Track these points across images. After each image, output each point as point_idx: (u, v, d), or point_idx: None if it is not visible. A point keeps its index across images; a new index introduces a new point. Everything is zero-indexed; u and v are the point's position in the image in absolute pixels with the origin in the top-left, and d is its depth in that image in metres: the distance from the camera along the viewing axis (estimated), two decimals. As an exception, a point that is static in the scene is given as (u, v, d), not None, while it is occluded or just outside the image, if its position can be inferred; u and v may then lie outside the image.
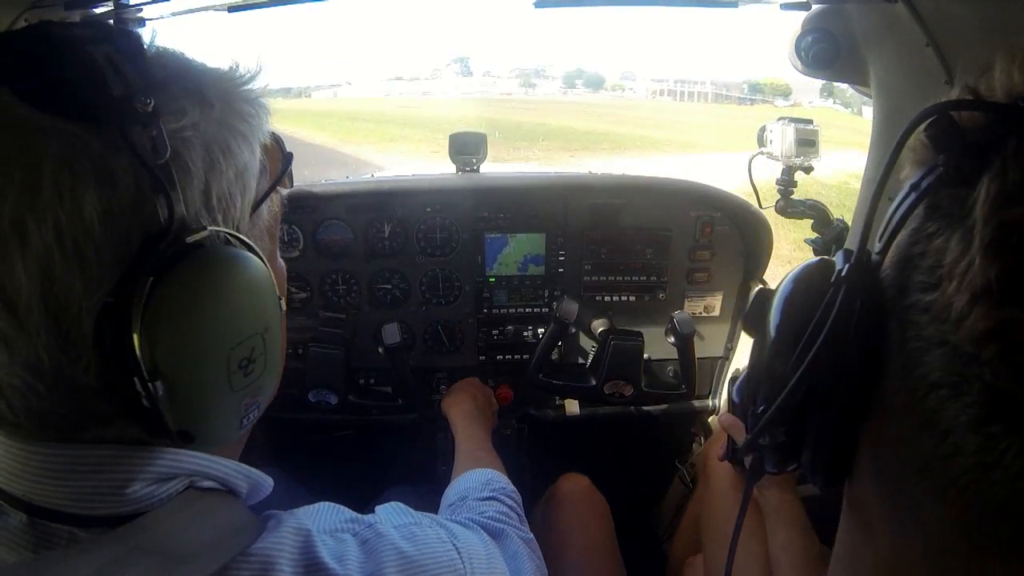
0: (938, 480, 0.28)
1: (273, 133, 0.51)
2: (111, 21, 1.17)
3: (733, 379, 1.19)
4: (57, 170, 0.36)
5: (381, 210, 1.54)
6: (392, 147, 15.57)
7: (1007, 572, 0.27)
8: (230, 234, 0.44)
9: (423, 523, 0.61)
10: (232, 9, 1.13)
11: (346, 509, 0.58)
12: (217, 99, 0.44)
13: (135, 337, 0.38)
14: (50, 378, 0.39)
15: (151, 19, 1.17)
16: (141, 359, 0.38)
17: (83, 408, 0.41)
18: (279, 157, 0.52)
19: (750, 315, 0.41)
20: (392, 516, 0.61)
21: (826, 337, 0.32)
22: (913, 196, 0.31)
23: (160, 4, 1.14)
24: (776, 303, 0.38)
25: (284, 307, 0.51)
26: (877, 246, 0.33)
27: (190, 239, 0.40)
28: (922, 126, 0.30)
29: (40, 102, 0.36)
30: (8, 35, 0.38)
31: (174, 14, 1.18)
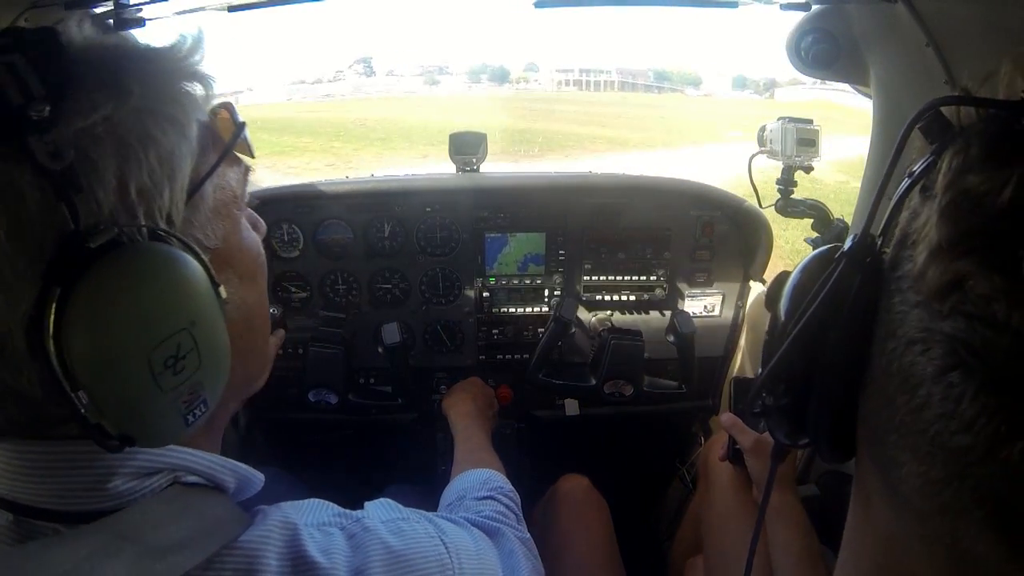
0: (911, 436, 0.30)
1: (225, 103, 0.49)
2: (110, 21, 1.17)
3: (736, 380, 1.18)
4: None
5: (381, 210, 1.54)
6: (280, 161, 12.18)
7: (973, 529, 0.27)
8: (151, 228, 0.42)
9: (411, 519, 0.61)
10: (232, 9, 1.13)
11: (334, 505, 0.58)
12: (137, 85, 0.42)
13: (51, 349, 0.38)
14: (4, 393, 0.40)
15: (151, 19, 1.17)
16: (59, 370, 0.38)
17: (39, 414, 0.42)
18: (231, 128, 0.50)
19: (769, 295, 0.44)
20: (380, 511, 0.61)
21: (820, 304, 0.36)
22: (907, 182, 0.34)
23: (160, 4, 1.14)
24: (788, 282, 0.41)
25: (263, 288, 0.51)
26: (880, 228, 0.36)
27: (93, 243, 0.39)
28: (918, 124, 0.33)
29: None
30: None
31: (174, 14, 1.18)
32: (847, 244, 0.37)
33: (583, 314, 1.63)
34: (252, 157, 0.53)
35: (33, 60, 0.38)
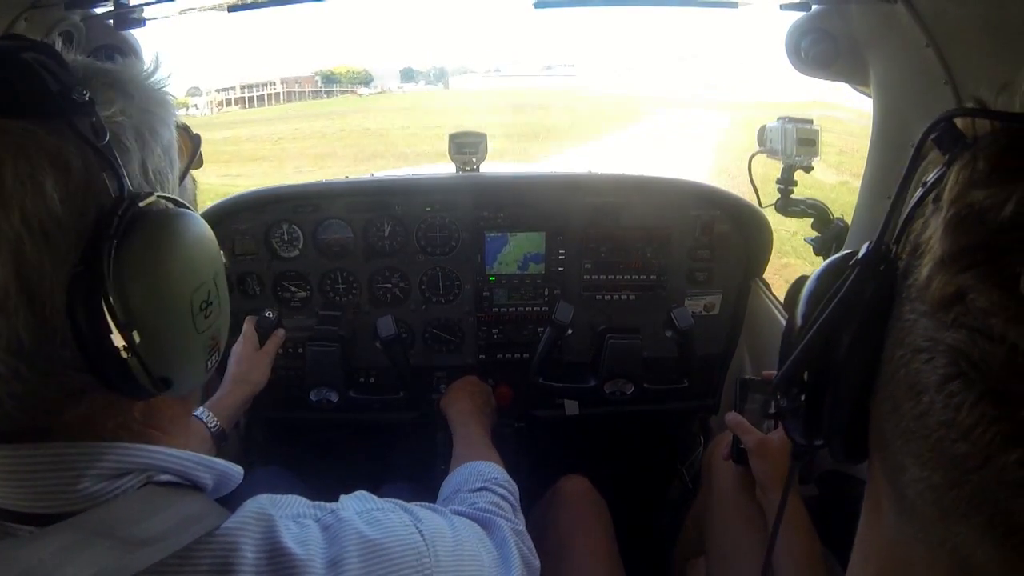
0: (915, 442, 0.31)
1: (179, 121, 0.55)
2: (111, 21, 1.17)
3: (742, 381, 1.18)
4: (15, 162, 0.40)
5: (381, 209, 1.54)
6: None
7: (973, 536, 0.28)
8: (171, 199, 0.49)
9: (386, 508, 0.61)
10: (232, 9, 1.13)
11: (307, 500, 0.58)
12: (135, 90, 0.49)
13: (108, 295, 0.42)
14: (30, 356, 0.41)
15: (151, 19, 1.17)
16: (117, 313, 0.42)
17: (60, 383, 0.43)
18: (188, 140, 0.58)
19: (788, 299, 0.47)
20: (355, 503, 0.61)
21: (834, 309, 0.37)
22: (920, 191, 0.34)
23: (160, 4, 1.14)
24: (805, 287, 0.42)
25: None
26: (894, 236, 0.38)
27: (142, 204, 0.45)
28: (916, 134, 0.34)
29: None
30: None
31: (174, 14, 1.18)
32: (862, 252, 0.38)
33: (582, 314, 1.63)
34: (200, 166, 0.61)
35: (50, 57, 0.43)
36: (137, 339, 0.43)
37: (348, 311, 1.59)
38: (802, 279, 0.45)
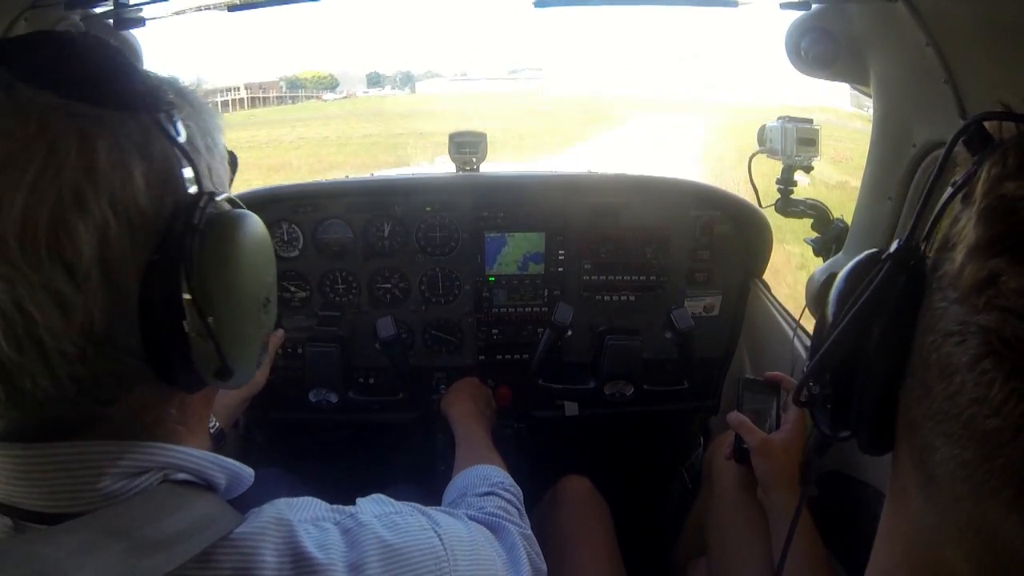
0: (946, 422, 0.32)
1: None
2: (110, 21, 1.17)
3: (746, 380, 1.18)
4: (109, 147, 0.41)
5: (381, 209, 1.54)
6: None
7: (1002, 511, 0.30)
8: (235, 200, 0.51)
9: (404, 512, 0.61)
10: (232, 8, 1.13)
11: (324, 503, 0.58)
12: (194, 100, 0.51)
13: (185, 282, 0.43)
14: (99, 340, 0.42)
15: (151, 19, 1.17)
16: (196, 301, 0.44)
17: (120, 372, 0.44)
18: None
19: (816, 297, 0.49)
20: (373, 507, 0.61)
21: (866, 302, 0.39)
22: (950, 191, 0.37)
23: (160, 4, 1.14)
24: (835, 285, 0.44)
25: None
26: (924, 233, 0.40)
27: (219, 199, 0.47)
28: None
29: (85, 96, 0.42)
30: (31, 45, 0.44)
31: (174, 14, 1.17)
32: (893, 247, 0.40)
33: (581, 315, 1.63)
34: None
35: (129, 59, 0.46)
36: (212, 325, 0.45)
37: (348, 311, 1.59)
38: (830, 278, 0.47)
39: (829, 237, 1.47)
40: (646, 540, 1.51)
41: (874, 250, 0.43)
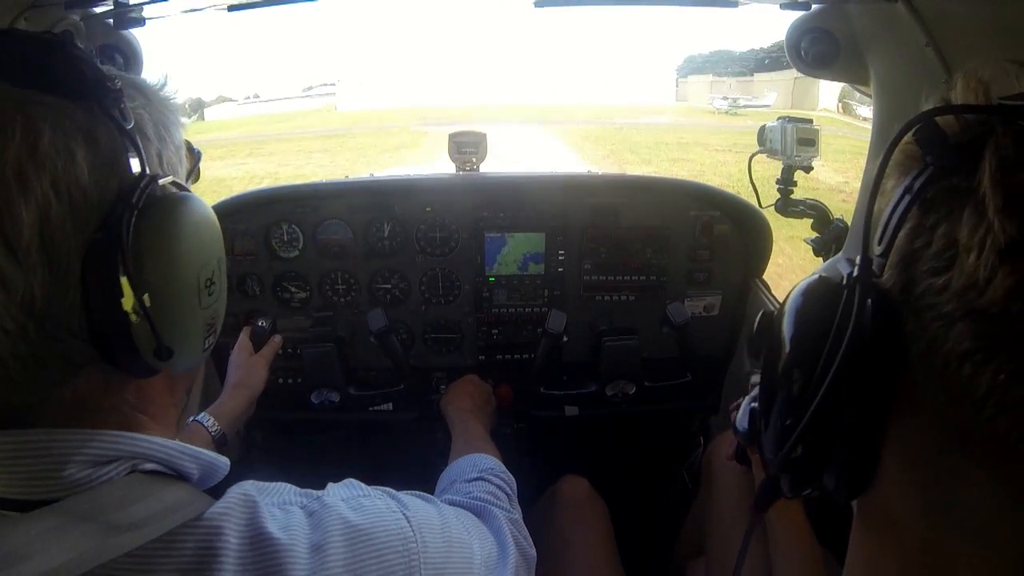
0: (982, 446, 0.30)
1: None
2: (110, 21, 1.17)
3: (752, 383, 1.18)
4: (52, 131, 0.43)
5: (381, 210, 1.54)
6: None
7: None
8: (182, 185, 0.53)
9: (372, 495, 0.61)
10: (232, 8, 1.13)
11: (296, 487, 0.58)
12: (151, 95, 0.53)
13: (126, 262, 0.44)
14: (40, 317, 0.43)
15: (151, 19, 1.17)
16: (131, 279, 0.44)
17: (63, 352, 0.45)
18: (190, 153, 0.61)
19: (755, 340, 0.43)
20: (341, 490, 0.61)
21: (850, 338, 0.34)
22: (907, 198, 0.33)
23: (160, 4, 1.14)
24: (787, 322, 0.39)
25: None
26: (877, 249, 0.35)
27: (161, 182, 0.49)
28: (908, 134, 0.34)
29: (33, 84, 0.44)
30: None
31: (174, 14, 1.17)
32: (844, 268, 0.36)
33: (582, 314, 1.63)
34: (197, 179, 0.63)
35: (83, 51, 0.47)
36: (148, 303, 0.45)
37: (346, 311, 1.59)
38: (767, 316, 0.42)
39: (829, 237, 1.47)
40: (645, 540, 1.51)
41: (816, 277, 0.39)
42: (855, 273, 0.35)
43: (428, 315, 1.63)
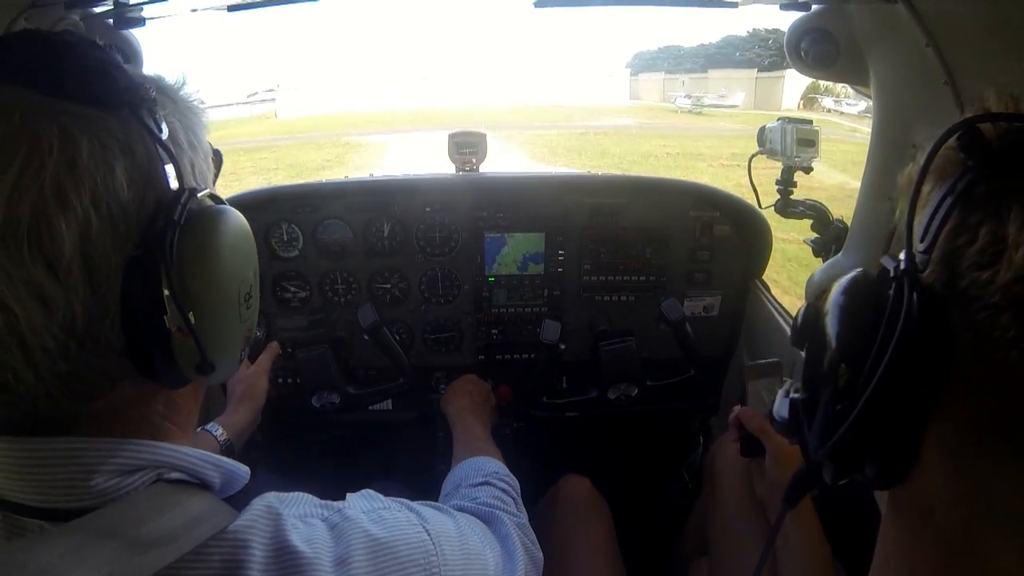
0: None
1: None
2: (110, 20, 1.17)
3: (745, 368, 1.18)
4: (91, 144, 0.41)
5: (381, 209, 1.54)
6: None
7: None
8: (218, 196, 0.52)
9: (392, 507, 0.62)
10: (232, 8, 1.13)
11: (316, 498, 0.58)
12: (175, 98, 0.51)
13: (165, 278, 0.43)
14: (81, 335, 0.42)
15: (151, 18, 1.17)
16: (175, 296, 0.44)
17: (102, 367, 0.44)
18: (213, 156, 0.60)
19: (803, 331, 0.44)
20: (361, 502, 0.61)
21: (901, 329, 0.36)
22: (950, 199, 0.36)
23: (160, 4, 1.14)
24: (832, 315, 0.40)
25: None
26: (920, 246, 0.38)
27: (200, 195, 0.47)
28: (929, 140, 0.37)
29: (67, 94, 0.42)
30: (13, 44, 0.44)
31: (174, 14, 1.17)
32: (894, 265, 0.37)
33: (582, 314, 1.63)
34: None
35: (113, 57, 0.46)
36: (193, 319, 0.45)
37: (346, 311, 1.59)
38: (812, 308, 0.43)
39: (829, 238, 1.47)
40: (646, 540, 1.51)
41: (858, 271, 0.41)
42: (902, 268, 0.37)
43: (428, 315, 1.63)
